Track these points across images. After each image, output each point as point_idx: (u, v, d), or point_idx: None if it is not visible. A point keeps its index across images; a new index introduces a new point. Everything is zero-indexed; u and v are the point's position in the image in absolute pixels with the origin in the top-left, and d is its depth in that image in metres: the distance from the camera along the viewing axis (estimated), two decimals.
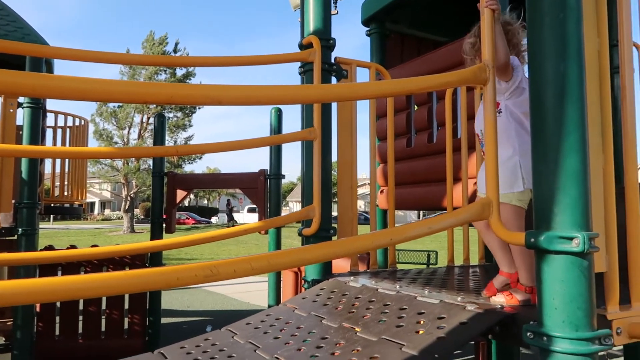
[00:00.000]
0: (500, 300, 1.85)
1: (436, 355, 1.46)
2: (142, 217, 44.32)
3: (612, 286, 1.55)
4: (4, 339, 5.43)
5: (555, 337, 1.37)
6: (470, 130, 2.88)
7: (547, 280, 1.41)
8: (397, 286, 2.19)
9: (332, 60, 2.81)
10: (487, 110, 1.70)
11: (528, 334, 1.45)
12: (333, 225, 2.73)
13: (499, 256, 2.06)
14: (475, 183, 3.10)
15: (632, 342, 1.56)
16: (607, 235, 1.56)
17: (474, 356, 4.31)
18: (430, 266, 8.55)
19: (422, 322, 1.72)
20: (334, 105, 2.85)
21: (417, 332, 1.66)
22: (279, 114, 5.85)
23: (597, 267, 1.47)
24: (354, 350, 1.63)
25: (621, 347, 3.62)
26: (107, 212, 56.89)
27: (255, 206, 5.69)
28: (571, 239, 1.38)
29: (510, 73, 1.96)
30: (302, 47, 2.79)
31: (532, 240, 1.44)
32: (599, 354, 1.40)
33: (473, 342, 3.95)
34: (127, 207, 30.79)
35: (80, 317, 4.93)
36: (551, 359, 1.37)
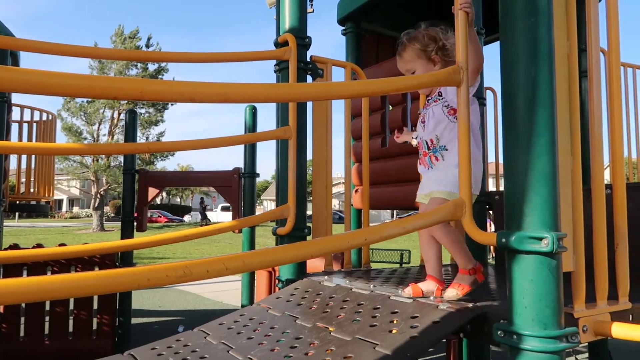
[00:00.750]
0: (452, 294, 1.92)
1: (409, 354, 1.48)
2: (113, 215, 43.46)
3: (579, 285, 1.59)
4: None
5: (525, 335, 1.39)
6: None
7: (518, 280, 1.44)
8: (371, 285, 2.20)
9: (308, 59, 2.81)
10: (461, 111, 1.72)
11: (499, 332, 1.48)
12: (308, 224, 2.72)
13: (435, 266, 2.10)
14: None
15: (597, 339, 1.61)
16: (575, 236, 1.60)
17: (445, 354, 4.38)
18: (403, 265, 8.64)
19: (395, 322, 1.73)
20: (309, 104, 2.84)
21: (391, 331, 1.67)
22: (253, 112, 5.81)
23: (565, 266, 1.51)
24: (327, 350, 1.63)
25: (586, 343, 3.72)
26: (75, 209, 55.59)
27: (229, 204, 5.64)
28: (541, 239, 1.41)
29: (475, 80, 2.00)
30: (277, 45, 2.77)
31: (504, 240, 1.47)
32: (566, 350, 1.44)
33: (445, 340, 4.01)
34: (96, 204, 30.12)
35: (47, 318, 4.79)
36: (521, 357, 1.40)
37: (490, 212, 3.67)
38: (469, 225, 1.61)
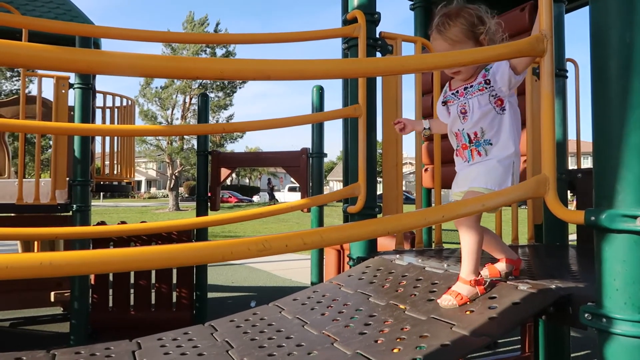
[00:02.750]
0: (447, 302, 1.73)
1: (489, 336, 1.44)
2: (187, 195, 45.54)
3: None
4: (62, 309, 5.75)
5: (616, 319, 1.31)
6: (521, 105, 2.77)
7: (608, 260, 1.36)
8: (445, 265, 2.16)
9: (377, 36, 2.76)
10: (545, 82, 1.62)
11: (586, 315, 1.40)
12: (378, 203, 2.70)
13: (501, 248, 2.00)
14: (525, 161, 3.00)
15: None
16: None
17: (519, 337, 4.24)
18: None
19: (472, 302, 1.69)
20: (378, 82, 2.80)
21: (468, 312, 1.63)
22: (320, 92, 5.81)
23: None
24: (403, 328, 1.62)
25: None
26: (153, 190, 58.84)
27: (296, 185, 5.76)
28: (635, 217, 1.31)
29: (525, 69, 1.84)
30: (345, 22, 2.74)
31: (593, 218, 1.38)
32: None
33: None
34: (172, 185, 31.75)
35: (132, 291, 5.15)
36: (611, 341, 1.32)
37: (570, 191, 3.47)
38: (553, 203, 1.52)
